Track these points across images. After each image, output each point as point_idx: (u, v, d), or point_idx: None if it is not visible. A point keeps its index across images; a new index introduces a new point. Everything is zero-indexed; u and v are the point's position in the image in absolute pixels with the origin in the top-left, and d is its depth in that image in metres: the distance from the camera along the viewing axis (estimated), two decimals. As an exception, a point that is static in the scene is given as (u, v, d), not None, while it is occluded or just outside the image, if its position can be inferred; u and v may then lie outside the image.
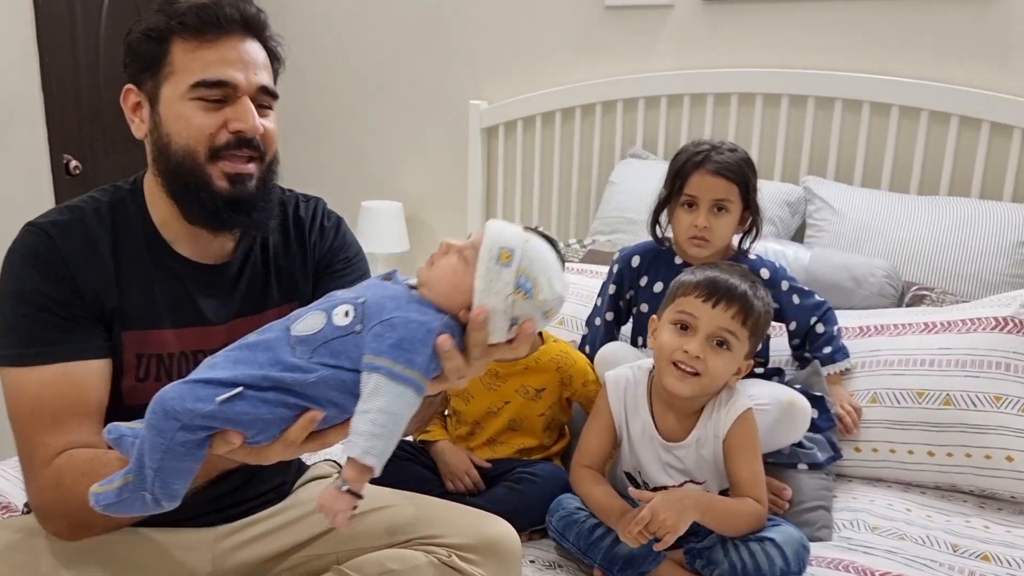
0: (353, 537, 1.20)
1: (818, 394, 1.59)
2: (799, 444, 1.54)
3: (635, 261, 1.70)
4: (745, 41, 2.42)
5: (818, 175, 2.34)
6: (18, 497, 1.44)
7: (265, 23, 1.12)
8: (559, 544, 1.37)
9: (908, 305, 1.95)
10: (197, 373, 0.86)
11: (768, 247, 1.97)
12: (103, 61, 2.91)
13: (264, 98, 1.11)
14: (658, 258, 1.68)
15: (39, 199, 2.74)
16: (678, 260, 1.64)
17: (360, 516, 1.21)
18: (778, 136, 2.40)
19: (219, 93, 1.06)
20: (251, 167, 1.10)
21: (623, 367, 1.45)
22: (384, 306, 0.86)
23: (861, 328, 1.78)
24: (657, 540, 1.21)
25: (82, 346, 1.06)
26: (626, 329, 1.77)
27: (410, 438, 1.60)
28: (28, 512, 1.16)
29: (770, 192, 2.22)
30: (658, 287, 1.65)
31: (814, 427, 1.56)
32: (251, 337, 0.89)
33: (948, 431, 1.57)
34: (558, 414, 1.59)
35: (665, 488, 1.35)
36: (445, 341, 0.84)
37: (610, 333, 1.74)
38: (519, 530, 1.34)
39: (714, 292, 1.30)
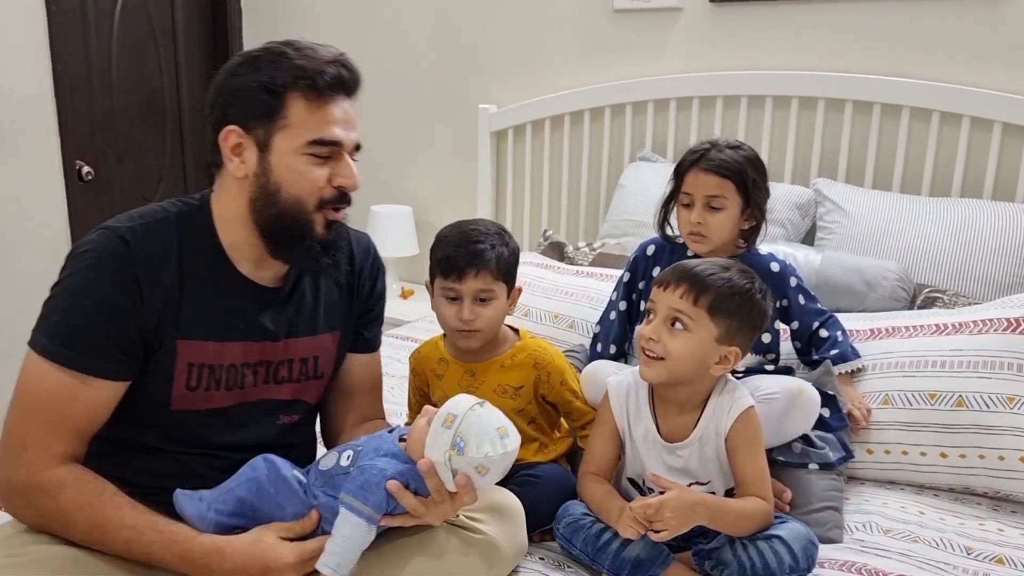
0: None
1: (830, 393, 1.58)
2: (811, 444, 1.53)
3: (650, 250, 1.73)
4: (754, 43, 2.42)
5: (829, 177, 2.33)
6: None
7: (360, 83, 1.21)
8: (567, 550, 1.37)
9: (920, 308, 1.94)
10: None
11: (779, 250, 1.97)
12: (115, 68, 2.94)
13: (355, 152, 1.21)
14: (672, 250, 1.70)
15: (52, 205, 2.76)
16: (690, 252, 1.65)
17: None
18: (788, 138, 2.40)
19: (327, 151, 1.16)
20: (342, 215, 1.23)
21: (624, 372, 1.45)
22: (367, 453, 1.13)
23: (873, 330, 1.77)
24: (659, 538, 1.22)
25: (109, 367, 1.12)
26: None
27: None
28: None
29: (780, 194, 2.21)
30: None
31: (826, 427, 1.55)
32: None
33: (961, 432, 1.56)
34: (540, 409, 1.56)
35: (672, 490, 1.35)
36: (392, 485, 1.09)
37: (623, 328, 1.74)
38: (526, 531, 1.34)
39: (669, 277, 1.32)
